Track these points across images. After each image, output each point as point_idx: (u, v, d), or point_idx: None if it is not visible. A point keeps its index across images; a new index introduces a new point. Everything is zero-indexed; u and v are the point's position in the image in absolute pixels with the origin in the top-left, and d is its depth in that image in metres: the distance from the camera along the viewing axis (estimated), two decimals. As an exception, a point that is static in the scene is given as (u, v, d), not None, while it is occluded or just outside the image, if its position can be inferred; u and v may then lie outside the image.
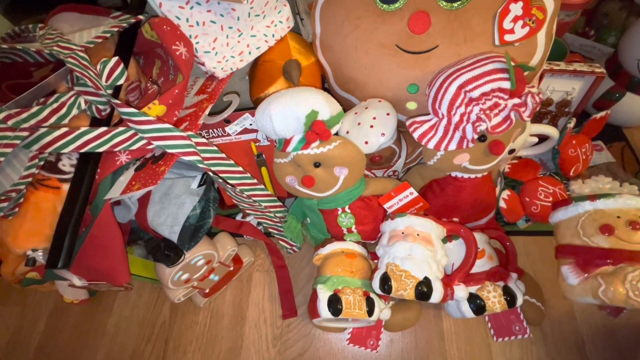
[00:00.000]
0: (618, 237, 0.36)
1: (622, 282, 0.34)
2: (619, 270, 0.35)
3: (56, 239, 0.39)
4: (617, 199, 0.38)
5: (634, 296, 0.34)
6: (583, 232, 0.38)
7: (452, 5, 0.39)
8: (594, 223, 0.38)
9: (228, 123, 0.48)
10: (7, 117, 0.34)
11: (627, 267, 0.35)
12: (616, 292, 0.34)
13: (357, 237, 0.50)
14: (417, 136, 0.39)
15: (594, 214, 0.38)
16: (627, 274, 0.34)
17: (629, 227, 0.36)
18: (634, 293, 0.34)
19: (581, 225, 0.39)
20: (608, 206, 0.38)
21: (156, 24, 0.40)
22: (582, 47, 0.71)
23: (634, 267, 0.34)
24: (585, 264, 0.37)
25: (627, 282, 0.34)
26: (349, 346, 0.51)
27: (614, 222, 0.37)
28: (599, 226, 0.37)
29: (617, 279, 0.34)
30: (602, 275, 0.36)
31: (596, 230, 0.37)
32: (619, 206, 0.38)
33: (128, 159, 0.43)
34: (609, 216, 0.37)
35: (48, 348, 0.57)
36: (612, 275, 0.35)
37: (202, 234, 0.47)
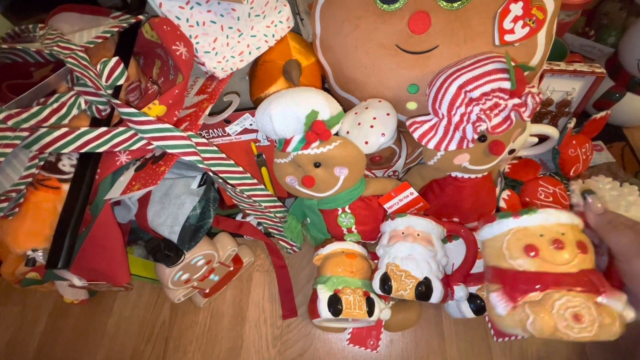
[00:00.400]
0: (542, 259, 0.32)
1: (549, 311, 0.30)
2: (546, 297, 0.31)
3: (56, 239, 0.39)
4: (538, 215, 0.33)
5: (563, 329, 0.29)
6: (509, 253, 0.34)
7: (452, 6, 0.39)
8: (518, 243, 0.33)
9: (228, 123, 0.48)
10: (7, 117, 0.34)
11: (553, 293, 0.30)
12: (544, 324, 0.30)
13: (357, 237, 0.50)
14: (417, 136, 0.39)
15: (518, 233, 0.34)
16: (554, 301, 0.30)
17: (552, 246, 0.32)
18: (562, 325, 0.29)
19: (506, 245, 0.34)
20: (530, 223, 0.34)
21: (156, 24, 0.40)
22: (582, 47, 0.71)
23: (561, 293, 0.30)
24: (512, 290, 0.33)
25: (555, 311, 0.30)
26: (349, 346, 0.51)
27: (538, 241, 0.33)
28: (523, 246, 0.33)
29: (544, 308, 0.30)
30: (529, 305, 0.31)
31: (521, 251, 0.33)
32: (540, 222, 0.33)
33: (128, 159, 0.43)
34: (532, 235, 0.33)
35: (48, 348, 0.57)
36: (539, 305, 0.30)
37: (202, 234, 0.47)
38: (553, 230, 0.33)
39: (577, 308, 0.29)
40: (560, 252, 0.32)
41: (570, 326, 0.29)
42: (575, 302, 0.29)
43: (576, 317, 0.29)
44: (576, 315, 0.29)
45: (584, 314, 0.29)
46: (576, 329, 0.29)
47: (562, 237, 0.32)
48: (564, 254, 0.31)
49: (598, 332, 0.29)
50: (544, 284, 0.31)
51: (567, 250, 0.31)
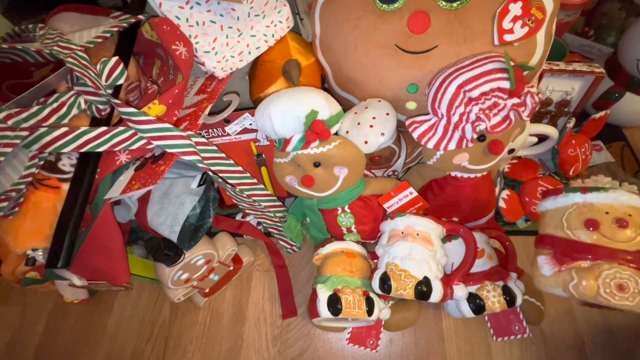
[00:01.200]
0: (602, 234, 0.34)
1: (596, 278, 0.33)
2: (595, 266, 0.34)
3: (56, 238, 0.39)
4: (609, 194, 0.35)
5: (605, 294, 0.33)
6: (567, 224, 0.36)
7: (452, 5, 0.39)
8: (580, 216, 0.36)
9: (228, 123, 0.49)
10: (7, 116, 0.34)
11: (604, 264, 0.33)
12: (588, 287, 0.33)
13: (357, 236, 0.50)
14: (417, 136, 0.40)
15: (582, 207, 0.36)
16: (603, 271, 0.33)
17: (615, 224, 0.34)
18: (604, 290, 0.33)
19: (567, 217, 0.37)
20: (599, 200, 0.36)
21: (156, 24, 0.40)
22: (582, 47, 0.71)
23: (611, 265, 0.33)
24: (562, 256, 0.36)
25: (601, 279, 0.33)
26: (349, 346, 0.51)
27: (601, 217, 0.35)
28: (584, 220, 0.35)
29: (591, 274, 0.33)
30: (576, 270, 0.34)
31: (581, 224, 0.35)
32: (609, 201, 0.35)
33: (128, 158, 0.43)
34: (598, 211, 0.35)
35: (48, 348, 0.57)
36: (587, 271, 0.34)
37: (202, 233, 0.47)
38: (621, 210, 0.34)
39: (624, 279, 0.32)
40: (622, 230, 0.34)
41: (613, 293, 0.32)
42: (624, 274, 0.32)
43: (620, 287, 0.32)
44: (621, 286, 0.32)
45: (629, 285, 0.32)
46: (618, 297, 0.32)
47: (628, 217, 0.34)
48: (625, 232, 0.34)
49: (638, 304, 0.32)
50: (595, 256, 0.34)
51: (630, 230, 0.33)
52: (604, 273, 0.33)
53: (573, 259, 0.35)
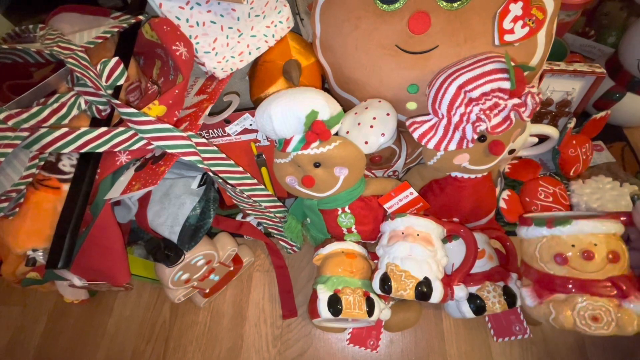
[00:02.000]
0: (571, 267, 0.36)
1: (572, 310, 0.35)
2: (570, 299, 0.35)
3: (56, 239, 0.39)
4: (572, 226, 0.36)
5: (581, 325, 0.34)
6: (540, 257, 0.38)
7: (452, 6, 0.39)
8: (549, 250, 0.37)
9: (228, 123, 0.49)
10: (8, 117, 0.34)
11: (577, 296, 0.35)
12: (565, 320, 0.35)
13: (357, 237, 0.50)
14: (417, 136, 0.39)
15: (551, 241, 0.37)
16: (576, 304, 0.35)
17: (583, 256, 0.35)
18: (580, 322, 0.34)
19: (539, 250, 0.38)
20: (564, 233, 0.37)
21: (156, 25, 0.40)
22: (582, 47, 0.71)
23: (583, 297, 0.35)
24: (541, 288, 0.38)
25: (575, 312, 0.34)
26: (349, 346, 0.51)
27: (568, 251, 0.36)
28: (553, 254, 0.37)
29: (567, 307, 0.35)
30: (553, 303, 0.36)
31: (551, 258, 0.37)
32: (574, 233, 0.36)
33: (128, 159, 0.43)
34: (564, 244, 0.36)
35: (48, 348, 0.57)
36: (563, 304, 0.35)
37: (202, 234, 0.47)
38: (586, 240, 0.35)
39: (596, 311, 0.34)
40: (589, 262, 0.35)
41: (589, 324, 0.34)
42: (596, 305, 0.34)
43: (594, 319, 0.34)
44: (594, 317, 0.34)
45: (602, 316, 0.34)
46: (593, 327, 0.34)
47: (593, 247, 0.35)
48: (592, 264, 0.35)
49: (615, 330, 0.33)
50: (568, 288, 0.36)
51: (597, 261, 0.34)
52: (578, 306, 0.34)
53: (550, 292, 0.37)
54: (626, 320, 0.33)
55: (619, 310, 0.33)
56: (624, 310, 0.33)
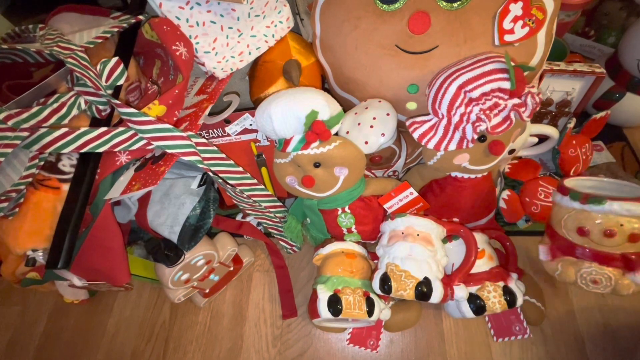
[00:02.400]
0: (591, 239, 0.40)
1: (576, 271, 0.40)
2: (579, 262, 0.41)
3: (56, 239, 0.39)
4: (606, 206, 0.38)
5: (580, 284, 0.41)
6: (564, 224, 0.42)
7: (452, 6, 0.39)
8: (575, 222, 0.41)
9: (228, 123, 0.49)
10: (8, 117, 0.34)
11: (585, 262, 0.40)
12: (567, 275, 0.41)
13: (357, 237, 0.50)
14: (417, 136, 0.39)
15: (580, 214, 0.40)
16: (582, 267, 0.40)
17: (604, 233, 0.38)
18: (580, 282, 0.40)
19: (566, 219, 0.42)
20: (594, 210, 0.39)
21: (156, 24, 0.40)
22: (582, 47, 0.71)
23: (592, 264, 0.40)
24: (557, 249, 0.43)
25: (579, 273, 0.40)
26: (349, 346, 0.51)
27: (593, 226, 0.39)
28: (578, 227, 0.40)
29: (573, 267, 0.41)
30: (562, 263, 0.42)
31: (575, 229, 0.40)
32: (605, 212, 0.39)
33: (128, 159, 0.43)
34: (591, 220, 0.39)
35: (48, 348, 0.57)
36: (570, 265, 0.41)
37: (202, 234, 0.47)
38: (613, 220, 0.38)
39: (598, 276, 0.39)
40: (609, 239, 0.38)
41: (587, 284, 0.40)
42: (600, 272, 0.39)
43: (594, 282, 0.40)
44: (595, 280, 0.39)
45: (602, 280, 0.39)
46: (591, 287, 0.40)
47: (618, 227, 0.38)
48: (612, 241, 0.38)
49: (609, 291, 0.39)
50: (582, 255, 0.41)
51: (616, 239, 0.38)
52: (583, 269, 0.40)
53: (564, 253, 0.42)
54: (623, 286, 0.38)
55: (620, 278, 0.38)
56: (624, 278, 0.38)
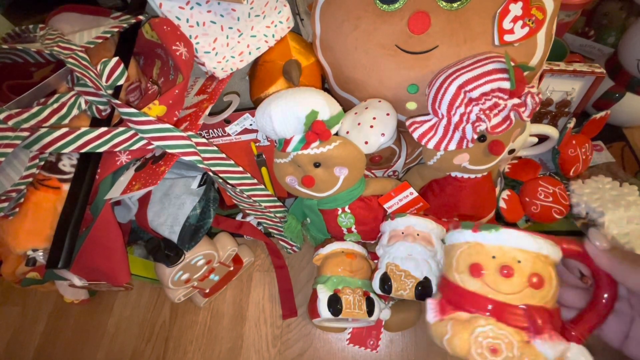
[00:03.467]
0: (485, 282, 0.28)
1: (469, 335, 0.27)
2: (473, 320, 0.28)
3: (56, 239, 0.39)
4: (500, 234, 0.29)
5: (476, 354, 0.27)
6: (456, 265, 0.31)
7: (452, 6, 0.39)
8: (467, 259, 0.30)
9: (228, 123, 0.49)
10: (8, 117, 0.34)
11: (480, 319, 0.28)
12: (459, 343, 0.28)
13: (357, 237, 0.50)
14: (417, 136, 0.40)
15: (472, 248, 0.30)
16: (477, 327, 0.27)
17: (500, 272, 0.28)
18: (476, 351, 0.27)
19: (457, 257, 0.31)
20: (488, 241, 0.29)
21: (156, 25, 0.40)
22: (582, 47, 0.71)
23: (487, 321, 0.27)
24: (448, 302, 0.31)
25: (473, 336, 0.27)
26: (349, 346, 0.51)
27: (487, 262, 0.29)
28: (470, 264, 0.29)
29: (466, 329, 0.28)
30: (453, 322, 0.29)
31: (467, 268, 0.30)
32: (499, 243, 0.29)
33: (128, 159, 0.43)
34: (485, 254, 0.29)
35: (48, 348, 0.57)
36: (461, 325, 0.28)
37: (202, 234, 0.47)
38: (509, 255, 0.28)
39: (496, 341, 0.27)
40: (505, 281, 0.28)
41: (485, 355, 0.27)
42: (499, 334, 0.27)
43: (493, 350, 0.27)
44: (493, 348, 0.27)
45: (502, 349, 0.26)
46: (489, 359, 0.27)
47: (515, 264, 0.28)
48: (509, 283, 0.28)
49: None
50: (475, 307, 0.28)
51: (515, 281, 0.27)
52: (477, 330, 0.27)
53: (454, 308, 0.30)
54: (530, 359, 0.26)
55: (525, 347, 0.26)
56: (529, 349, 0.26)
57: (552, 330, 0.27)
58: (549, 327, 0.27)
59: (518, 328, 0.27)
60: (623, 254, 0.27)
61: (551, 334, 0.26)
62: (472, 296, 0.29)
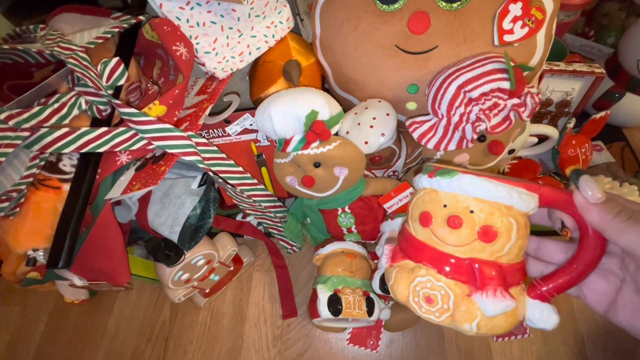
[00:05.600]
0: (433, 232, 0.26)
1: (408, 283, 0.27)
2: (416, 269, 0.27)
3: (57, 238, 0.39)
4: (454, 180, 0.26)
5: (413, 302, 0.27)
6: (411, 213, 0.29)
7: (452, 6, 0.40)
8: (420, 206, 0.28)
9: (228, 123, 0.49)
10: (9, 117, 0.34)
11: (421, 268, 0.27)
12: (399, 291, 0.27)
13: (357, 237, 0.50)
14: (417, 136, 0.40)
15: (429, 194, 0.28)
16: (416, 276, 0.27)
17: (447, 222, 0.26)
18: (413, 299, 0.27)
19: (412, 204, 0.29)
20: (442, 188, 0.27)
21: (156, 25, 0.40)
22: (582, 48, 0.71)
23: (428, 271, 0.26)
24: (399, 250, 0.30)
25: (412, 285, 0.27)
26: (349, 346, 0.51)
27: (437, 211, 0.26)
28: (420, 212, 0.27)
29: (407, 278, 0.27)
30: (399, 270, 0.28)
31: (417, 216, 0.28)
32: (453, 190, 0.26)
33: (128, 159, 0.43)
34: (437, 202, 0.27)
35: (48, 348, 0.57)
36: (405, 273, 0.28)
37: (203, 234, 0.47)
38: (462, 204, 0.25)
39: (433, 291, 0.26)
40: (452, 232, 0.25)
41: (420, 304, 0.26)
42: (436, 285, 0.26)
43: (428, 299, 0.26)
44: (428, 297, 0.26)
45: (437, 299, 0.25)
46: (424, 309, 0.26)
47: (466, 215, 0.25)
48: (455, 235, 0.25)
49: (448, 321, 0.25)
50: (420, 257, 0.27)
51: (462, 233, 0.25)
52: (416, 279, 0.26)
53: (402, 256, 0.29)
54: (464, 313, 0.25)
55: (462, 300, 0.25)
56: (467, 301, 0.25)
57: (500, 285, 0.25)
58: (495, 283, 0.25)
59: (459, 281, 0.25)
60: (619, 206, 0.22)
61: (495, 290, 0.25)
62: (419, 245, 0.27)
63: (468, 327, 0.25)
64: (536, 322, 0.26)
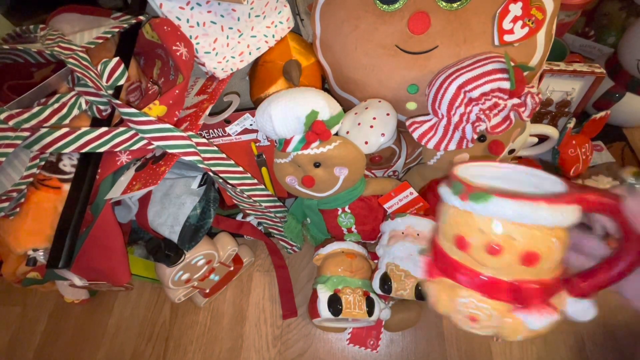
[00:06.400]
0: (471, 256, 0.26)
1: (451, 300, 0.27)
2: (456, 289, 0.26)
3: (57, 238, 0.39)
4: (489, 205, 0.24)
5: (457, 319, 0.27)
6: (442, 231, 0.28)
7: (452, 6, 0.40)
8: (453, 227, 0.27)
9: (228, 123, 0.49)
10: (9, 117, 0.34)
11: (463, 290, 0.26)
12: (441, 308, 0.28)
13: (357, 237, 0.50)
14: (417, 136, 0.40)
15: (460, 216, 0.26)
16: (458, 297, 0.26)
17: (486, 249, 0.25)
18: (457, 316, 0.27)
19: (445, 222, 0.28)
20: (477, 212, 0.25)
21: (157, 25, 0.40)
22: (582, 48, 0.71)
23: (470, 292, 0.26)
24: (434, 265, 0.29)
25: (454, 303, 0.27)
26: (349, 346, 0.51)
27: (473, 236, 0.25)
28: (455, 235, 0.26)
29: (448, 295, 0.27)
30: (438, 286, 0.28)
31: (452, 238, 0.27)
32: (489, 214, 0.24)
33: (129, 159, 0.43)
34: (472, 225, 0.25)
35: (48, 348, 0.57)
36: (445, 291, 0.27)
37: (203, 234, 0.47)
38: (500, 230, 0.25)
39: (476, 311, 0.25)
40: (492, 258, 0.25)
41: (464, 321, 0.27)
42: (480, 306, 0.25)
43: (472, 318, 0.26)
44: (472, 317, 0.26)
45: (481, 318, 0.25)
46: (469, 326, 0.27)
47: (508, 242, 0.24)
48: (495, 260, 0.25)
49: (493, 333, 0.26)
50: (459, 279, 0.27)
51: (503, 259, 0.24)
52: (459, 300, 0.26)
53: (439, 273, 0.28)
54: (509, 329, 0.25)
55: (506, 317, 0.25)
56: (512, 317, 0.25)
57: (542, 302, 0.25)
58: (539, 301, 0.25)
59: (501, 301, 0.25)
60: None
61: (539, 309, 0.25)
62: (457, 266, 0.26)
63: (513, 337, 0.25)
64: (575, 317, 0.27)
